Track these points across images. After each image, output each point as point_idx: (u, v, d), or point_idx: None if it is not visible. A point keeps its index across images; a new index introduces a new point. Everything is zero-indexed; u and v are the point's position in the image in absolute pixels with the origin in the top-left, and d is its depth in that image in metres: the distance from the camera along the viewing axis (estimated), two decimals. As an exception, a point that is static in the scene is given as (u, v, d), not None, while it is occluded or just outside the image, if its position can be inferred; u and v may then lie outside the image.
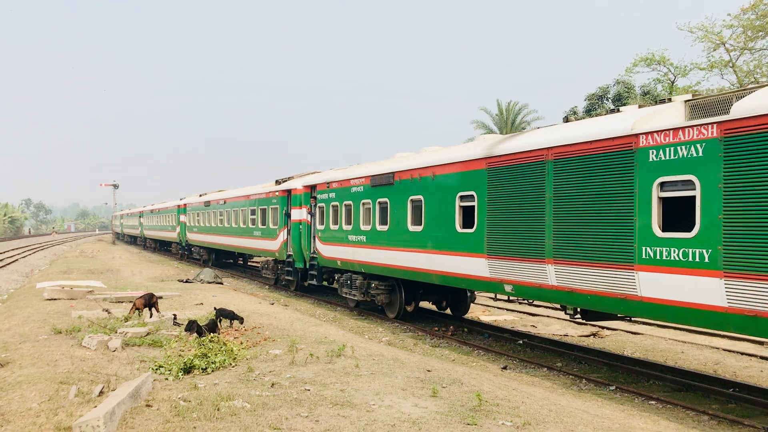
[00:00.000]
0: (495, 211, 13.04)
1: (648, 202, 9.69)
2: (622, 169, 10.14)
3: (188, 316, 15.22)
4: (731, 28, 33.33)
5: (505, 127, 48.06)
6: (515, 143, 12.75)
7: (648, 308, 9.86)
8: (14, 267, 38.16)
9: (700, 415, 9.54)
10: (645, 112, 10.31)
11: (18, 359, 10.32)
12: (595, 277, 10.68)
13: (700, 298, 8.96)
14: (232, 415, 7.51)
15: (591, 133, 10.83)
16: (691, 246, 9.04)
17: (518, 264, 12.41)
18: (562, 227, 11.30)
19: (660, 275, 9.52)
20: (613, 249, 10.26)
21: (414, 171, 16.08)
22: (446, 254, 14.68)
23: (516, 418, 7.67)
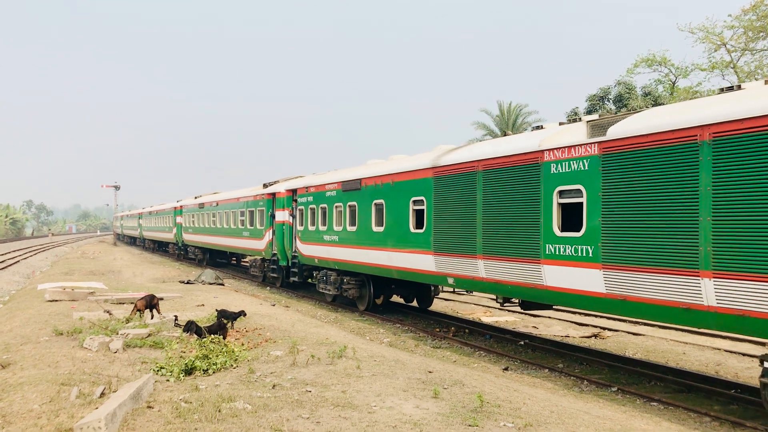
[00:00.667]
0: (439, 214, 15.00)
1: (550, 207, 11.64)
2: (531, 180, 12.11)
3: (189, 318, 15.23)
4: (732, 28, 33.35)
5: (506, 128, 48.04)
6: (454, 156, 14.71)
7: (552, 295, 11.83)
8: (15, 268, 38.22)
9: (702, 416, 9.53)
10: (554, 130, 12.23)
11: (19, 361, 10.32)
12: (513, 269, 12.68)
13: (587, 286, 10.91)
14: (234, 416, 7.51)
15: (510, 148, 12.80)
16: (580, 243, 11.01)
17: (457, 259, 14.39)
18: (489, 228, 13.29)
19: (559, 267, 11.50)
20: (526, 246, 12.21)
21: (377, 178, 18.08)
22: (402, 252, 16.69)
23: (517, 420, 7.67)
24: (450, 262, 14.64)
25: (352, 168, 20.97)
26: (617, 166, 10.35)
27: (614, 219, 10.38)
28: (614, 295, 10.40)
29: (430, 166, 15.42)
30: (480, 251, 13.51)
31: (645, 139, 9.91)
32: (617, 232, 10.32)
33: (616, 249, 10.33)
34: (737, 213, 8.53)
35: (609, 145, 10.51)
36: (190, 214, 42.46)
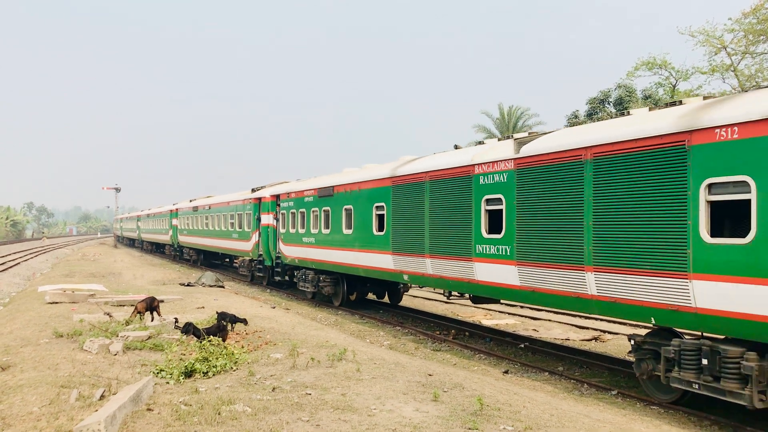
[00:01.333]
0: (397, 218, 16.91)
1: (479, 213, 13.61)
2: (465, 189, 14.09)
3: (189, 320, 15.23)
4: (732, 32, 33.34)
5: (507, 130, 48.06)
6: (409, 167, 16.61)
7: (482, 288, 14.01)
8: (16, 270, 38.24)
9: (702, 419, 9.52)
10: (485, 147, 14.33)
11: (19, 363, 10.32)
12: (453, 266, 14.61)
13: (506, 280, 12.91)
14: (233, 419, 7.51)
15: (449, 162, 14.83)
16: (501, 244, 13.00)
17: (410, 258, 16.34)
18: (434, 231, 15.23)
19: (486, 264, 13.44)
20: (462, 246, 14.17)
21: (347, 185, 20.09)
22: (367, 252, 18.63)
23: (517, 423, 7.67)
24: (405, 261, 16.65)
25: (327, 176, 23.12)
26: (527, 178, 12.34)
27: (525, 223, 12.36)
28: (526, 287, 12.43)
29: (389, 176, 17.45)
30: (428, 251, 15.53)
31: (546, 156, 11.85)
32: (527, 234, 12.30)
33: (527, 249, 12.29)
34: (609, 219, 10.46)
35: (521, 161, 12.51)
36: (185, 217, 44.07)
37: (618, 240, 10.30)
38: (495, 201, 13.21)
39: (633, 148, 10.07)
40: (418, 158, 17.23)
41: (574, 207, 11.13)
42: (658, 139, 9.69)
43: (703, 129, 9.04)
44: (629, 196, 10.11)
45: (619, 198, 10.26)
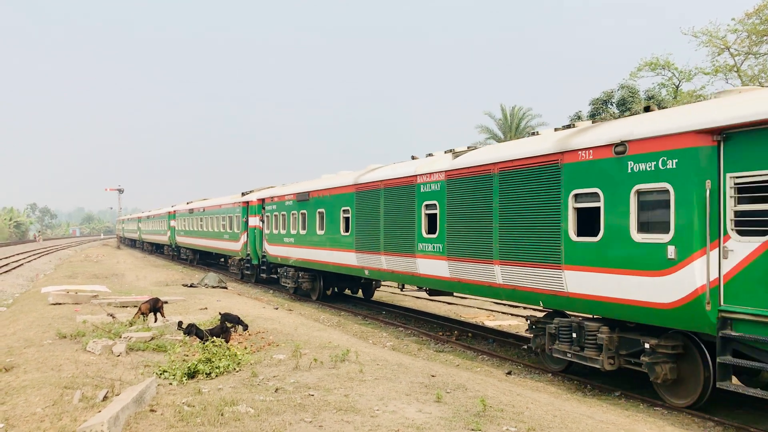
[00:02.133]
0: (359, 220, 19.17)
1: (420, 216, 15.92)
2: (410, 196, 16.43)
3: (192, 321, 15.24)
4: (735, 32, 33.27)
5: (509, 131, 48.04)
6: (367, 176, 18.98)
7: (422, 280, 16.34)
8: (19, 271, 38.29)
9: (706, 421, 9.49)
10: (428, 160, 16.57)
11: (23, 364, 10.34)
12: (402, 262, 16.88)
13: (440, 272, 15.23)
14: (236, 420, 7.52)
15: (398, 172, 17.32)
16: (435, 242, 15.30)
17: (369, 255, 18.56)
18: (387, 231, 17.50)
19: (426, 260, 15.78)
20: (408, 245, 16.42)
21: (320, 191, 22.40)
22: (336, 250, 20.91)
23: (520, 424, 7.66)
24: (366, 258, 18.84)
25: (305, 182, 25.68)
26: (454, 188, 14.64)
27: (452, 225, 14.64)
28: (454, 278, 14.78)
29: (353, 183, 19.73)
30: (383, 249, 17.79)
31: (467, 170, 14.24)
32: (454, 234, 14.59)
33: (454, 246, 14.60)
34: (510, 222, 12.75)
35: (450, 173, 14.81)
36: (182, 219, 46.32)
37: (516, 239, 12.66)
38: (432, 206, 15.57)
39: (525, 164, 12.38)
40: (378, 168, 19.47)
41: (486, 212, 13.54)
42: (542, 158, 11.97)
43: (571, 151, 11.30)
44: (523, 203, 12.48)
45: (517, 205, 12.63)
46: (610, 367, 10.64)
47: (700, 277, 9.12)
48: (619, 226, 10.35)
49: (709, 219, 9.03)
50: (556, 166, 11.60)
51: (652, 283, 9.81)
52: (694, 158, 9.23)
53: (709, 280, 9.04)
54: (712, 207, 9.01)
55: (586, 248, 10.98)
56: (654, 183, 9.81)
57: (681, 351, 9.95)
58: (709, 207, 9.03)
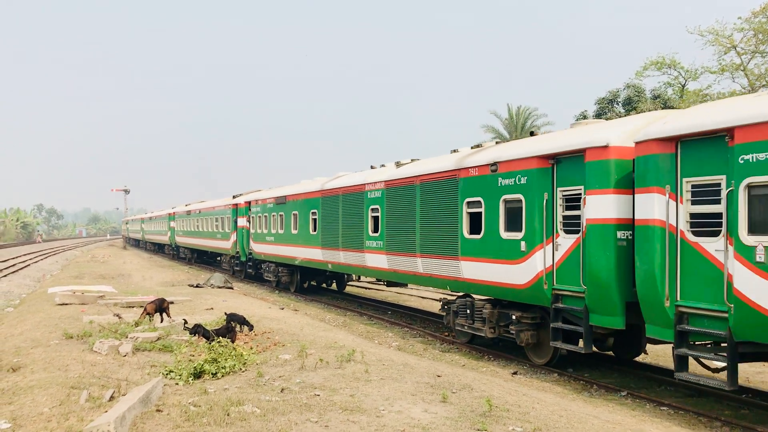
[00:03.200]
0: (324, 221, 22.48)
1: (368, 218, 19.04)
2: (360, 201, 19.55)
3: (198, 321, 15.26)
4: (742, 31, 33.14)
5: (515, 131, 47.95)
6: (330, 184, 22.50)
7: (369, 272, 19.71)
8: (26, 272, 38.43)
9: (713, 420, 9.47)
10: (374, 171, 19.98)
11: (30, 364, 10.38)
12: (354, 257, 20.06)
13: (381, 264, 18.43)
14: (242, 420, 7.53)
15: (352, 181, 20.61)
16: (378, 240, 18.39)
17: (331, 251, 21.86)
18: (345, 230, 20.76)
19: (371, 254, 18.86)
20: (359, 242, 19.65)
21: (295, 195, 25.57)
22: (307, 247, 24.12)
23: (526, 424, 7.64)
24: (329, 254, 22.14)
25: (284, 187, 28.98)
26: (390, 195, 17.80)
27: (389, 226, 17.74)
28: (391, 269, 17.96)
29: (319, 189, 23.09)
30: (341, 246, 21.03)
31: (399, 180, 17.42)
32: (390, 233, 17.71)
33: (391, 243, 17.71)
34: (427, 223, 15.90)
35: (388, 183, 18.02)
36: (181, 220, 49.33)
37: (431, 236, 15.78)
38: (375, 210, 18.67)
39: (436, 178, 15.66)
40: (341, 176, 22.65)
41: (411, 215, 16.63)
42: (447, 173, 15.20)
43: (465, 168, 14.51)
44: (435, 208, 15.62)
45: (431, 209, 15.80)
46: (491, 335, 13.92)
47: (540, 264, 12.18)
48: (493, 226, 13.45)
49: (545, 221, 12.10)
50: (455, 180, 14.84)
51: (512, 269, 12.91)
52: (537, 176, 12.27)
53: (545, 267, 12.10)
54: (548, 212, 12.07)
55: (474, 243, 14.14)
56: (513, 194, 12.90)
57: (539, 321, 12.89)
58: (545, 212, 12.10)
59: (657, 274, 9.67)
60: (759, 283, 8.29)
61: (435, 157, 17.19)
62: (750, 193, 8.53)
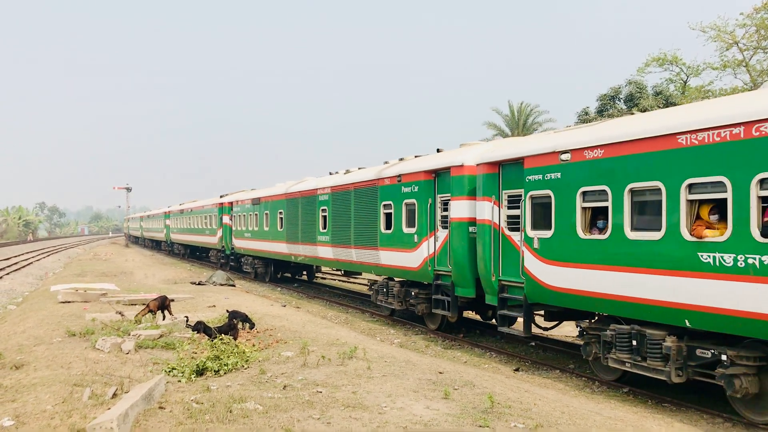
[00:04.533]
0: (287, 220, 26.52)
1: (319, 217, 22.90)
2: (314, 203, 23.47)
3: (201, 319, 15.28)
4: (744, 27, 33.08)
5: (517, 128, 47.89)
6: (292, 188, 26.36)
7: (320, 261, 23.80)
8: (29, 270, 38.50)
9: (715, 417, 9.46)
10: (325, 178, 23.78)
11: (33, 361, 10.40)
12: (310, 249, 24.05)
13: (327, 255, 22.26)
14: (245, 417, 7.54)
15: (307, 186, 24.58)
16: (326, 235, 22.06)
17: (293, 245, 25.83)
18: (303, 227, 24.68)
19: (322, 247, 22.65)
20: (313, 237, 23.47)
21: (266, 197, 29.76)
22: (276, 242, 27.99)
23: (528, 420, 7.65)
24: (292, 247, 26.01)
25: (259, 189, 33.51)
26: (335, 198, 21.58)
27: (334, 223, 21.55)
28: (335, 259, 21.96)
29: (284, 193, 27.07)
30: (300, 240, 24.96)
31: (341, 187, 21.22)
32: (335, 229, 21.48)
33: (336, 237, 21.40)
34: (358, 220, 19.58)
35: (333, 188, 21.85)
36: (175, 218, 53.38)
37: (361, 231, 19.52)
38: (324, 210, 22.55)
39: (364, 185, 19.54)
40: (303, 181, 26.36)
41: (347, 215, 20.53)
42: (371, 181, 19.06)
43: (382, 178, 18.25)
44: (363, 209, 19.41)
45: (361, 210, 19.59)
46: (400, 307, 17.81)
47: (426, 251, 16.05)
48: (399, 223, 17.26)
49: (429, 219, 15.90)
50: (376, 187, 18.67)
51: (409, 255, 16.77)
52: (424, 186, 16.18)
53: (429, 253, 15.93)
54: (431, 213, 15.89)
55: (387, 236, 17.90)
56: (410, 199, 16.75)
57: (431, 295, 16.04)
58: (429, 213, 15.92)
59: (487, 258, 13.56)
60: (536, 263, 12.08)
61: (365, 169, 21.08)
62: (532, 202, 12.25)
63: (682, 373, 9.45)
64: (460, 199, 14.64)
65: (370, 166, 21.46)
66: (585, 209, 11.07)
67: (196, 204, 46.23)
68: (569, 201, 11.27)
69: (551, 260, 11.73)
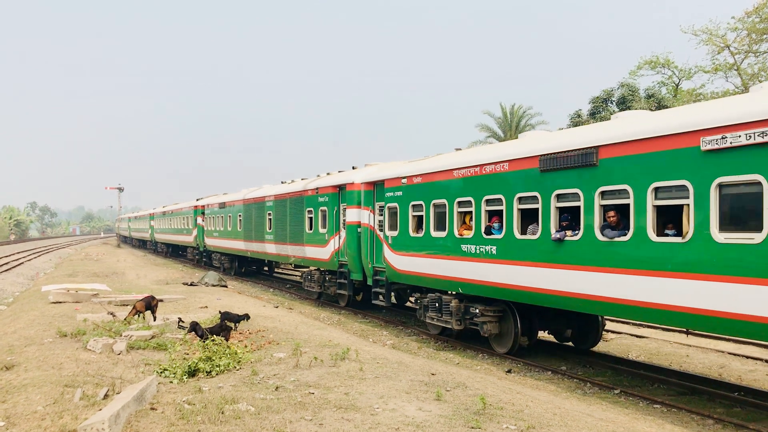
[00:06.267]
0: (245, 221, 31.47)
1: (266, 219, 28.02)
2: (262, 208, 28.66)
3: (193, 319, 15.24)
4: (735, 30, 33.29)
5: (509, 130, 47.96)
6: (249, 195, 31.09)
7: (267, 256, 29.13)
8: (20, 270, 38.29)
9: (705, 419, 9.52)
10: (268, 187, 29.67)
11: (23, 362, 10.35)
12: (260, 246, 29.04)
13: (272, 251, 27.69)
14: (237, 418, 7.53)
15: (258, 194, 29.34)
16: (271, 234, 27.67)
17: (249, 243, 30.68)
18: (255, 228, 29.37)
19: (269, 245, 27.79)
20: (261, 235, 28.59)
21: (229, 202, 34.87)
22: (236, 241, 33.24)
23: (520, 422, 7.67)
24: (247, 245, 31.26)
25: (225, 194, 38.47)
26: (277, 205, 26.65)
27: (276, 225, 26.46)
28: (277, 254, 27.07)
29: (242, 199, 32.18)
30: (254, 239, 30.02)
31: (281, 195, 26.27)
32: (277, 230, 26.48)
33: (277, 236, 26.41)
34: (292, 223, 24.66)
35: (276, 196, 27.06)
36: (159, 219, 58.41)
37: (293, 232, 24.54)
38: (270, 214, 27.70)
39: (295, 195, 24.56)
40: (259, 189, 31.04)
41: (285, 218, 25.63)
42: (299, 192, 24.06)
43: (307, 190, 23.29)
44: (295, 214, 24.49)
45: (293, 215, 24.61)
46: (319, 290, 23.19)
47: (332, 247, 20.94)
48: (317, 225, 22.37)
49: (335, 222, 20.87)
50: (303, 197, 23.81)
51: (323, 250, 21.80)
52: (332, 197, 21.18)
53: (335, 248, 20.74)
54: (336, 217, 20.83)
55: (310, 235, 22.99)
56: (323, 207, 21.84)
57: (340, 280, 21.15)
58: (335, 217, 20.88)
59: (366, 251, 19.06)
60: (391, 253, 17.44)
61: (297, 182, 26.39)
62: (388, 211, 17.50)
63: (461, 323, 14.44)
64: (352, 207, 19.77)
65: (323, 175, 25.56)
66: (414, 216, 16.32)
67: (177, 207, 50.89)
68: (406, 210, 16.59)
69: (398, 251, 17.06)
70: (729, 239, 8.62)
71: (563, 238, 11.36)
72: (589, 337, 14.00)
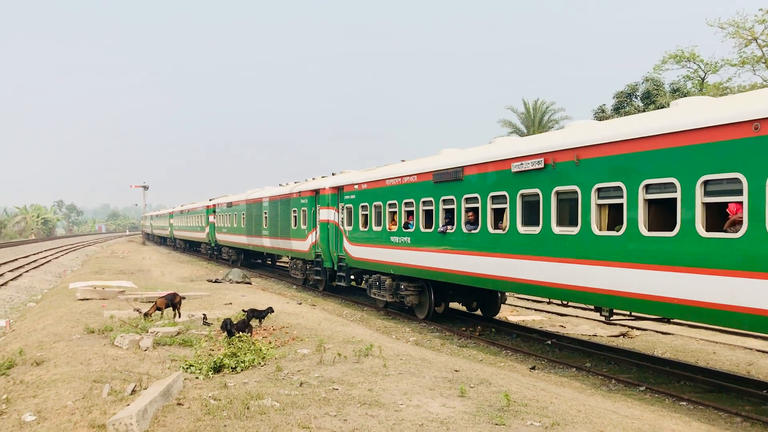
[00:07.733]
0: (247, 219, 35.59)
1: (262, 217, 32.68)
2: (260, 207, 33.19)
3: (218, 316, 15.39)
4: (763, 23, 32.69)
5: (533, 125, 47.64)
6: (251, 195, 35.27)
7: (263, 249, 33.98)
8: (47, 267, 38.89)
9: (733, 416, 9.40)
10: (265, 189, 34.43)
11: (53, 358, 10.53)
12: (258, 240, 33.78)
13: (267, 245, 32.55)
14: (262, 413, 7.59)
15: (256, 195, 34.44)
16: (267, 230, 32.12)
17: (250, 237, 35.26)
18: (255, 225, 33.89)
19: (264, 239, 32.62)
20: (259, 231, 33.24)
21: (235, 201, 38.67)
22: (240, 236, 37.22)
23: (544, 419, 7.64)
24: (249, 239, 35.26)
25: (232, 195, 42.43)
26: (270, 205, 31.35)
27: (271, 222, 31.01)
28: (270, 247, 31.90)
29: (245, 199, 36.29)
30: (254, 234, 34.01)
31: (274, 197, 30.74)
32: (272, 227, 30.81)
33: (271, 232, 30.95)
34: (281, 221, 29.18)
35: (270, 198, 31.31)
36: (177, 217, 63.49)
37: (283, 228, 28.57)
38: (266, 213, 31.64)
39: (285, 197, 28.66)
40: (259, 190, 34.79)
41: (277, 216, 29.39)
42: (287, 194, 28.27)
43: (293, 192, 27.42)
44: (284, 213, 28.51)
45: (283, 214, 28.71)
46: (302, 277, 27.64)
47: (311, 240, 24.96)
48: (300, 223, 26.24)
49: (313, 220, 24.77)
50: (290, 199, 27.68)
51: (304, 243, 25.78)
52: (310, 199, 25.06)
53: (313, 241, 24.71)
54: (314, 216, 24.69)
55: (295, 231, 26.93)
56: (304, 207, 25.69)
57: (317, 268, 25.07)
58: (313, 216, 24.77)
59: (333, 243, 23.03)
60: (348, 244, 21.70)
61: (289, 184, 29.52)
62: (346, 210, 21.89)
63: (393, 297, 18.88)
64: (324, 208, 23.84)
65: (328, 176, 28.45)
66: (362, 215, 20.73)
67: (193, 206, 55.75)
68: (357, 210, 21.09)
69: (353, 243, 21.43)
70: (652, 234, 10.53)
71: (445, 231, 15.75)
72: (490, 307, 18.25)
